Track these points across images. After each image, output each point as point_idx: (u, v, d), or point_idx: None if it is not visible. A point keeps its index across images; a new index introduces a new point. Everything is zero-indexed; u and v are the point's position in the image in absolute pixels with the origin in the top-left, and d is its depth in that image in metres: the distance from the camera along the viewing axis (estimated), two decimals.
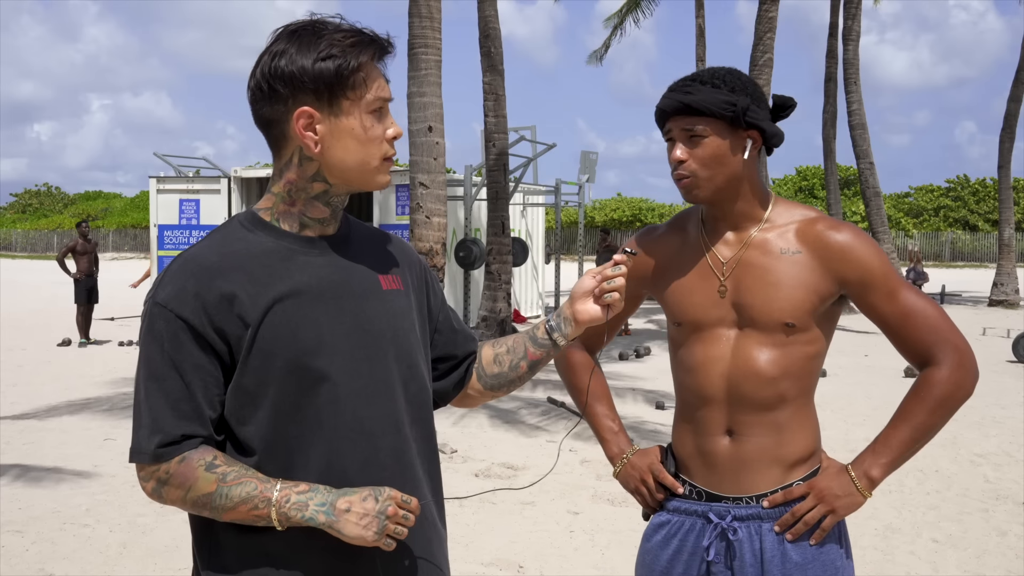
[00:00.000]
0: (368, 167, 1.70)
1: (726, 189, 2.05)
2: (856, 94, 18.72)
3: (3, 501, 6.03)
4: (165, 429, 1.60)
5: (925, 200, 55.14)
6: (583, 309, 1.88)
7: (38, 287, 29.09)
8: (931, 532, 5.52)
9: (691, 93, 2.00)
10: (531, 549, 5.20)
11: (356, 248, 1.78)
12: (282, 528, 1.60)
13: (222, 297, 1.62)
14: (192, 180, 17.65)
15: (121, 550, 5.13)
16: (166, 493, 1.62)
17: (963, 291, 28.71)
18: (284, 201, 1.72)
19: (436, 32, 7.70)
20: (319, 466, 1.65)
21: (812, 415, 2.11)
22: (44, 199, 70.46)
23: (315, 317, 1.67)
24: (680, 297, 2.13)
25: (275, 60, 1.63)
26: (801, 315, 2.01)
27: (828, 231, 2.03)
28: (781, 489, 2.06)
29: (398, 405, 1.74)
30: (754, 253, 2.06)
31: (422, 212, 7.58)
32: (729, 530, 2.06)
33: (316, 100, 1.64)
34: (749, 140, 2.03)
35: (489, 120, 12.80)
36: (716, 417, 2.09)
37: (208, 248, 1.68)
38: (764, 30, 13.68)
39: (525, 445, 7.76)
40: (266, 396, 1.64)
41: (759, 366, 2.03)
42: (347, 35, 1.65)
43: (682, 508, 2.16)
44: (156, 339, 1.62)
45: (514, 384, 1.97)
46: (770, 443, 2.05)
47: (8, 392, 10.19)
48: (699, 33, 23.06)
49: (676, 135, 2.05)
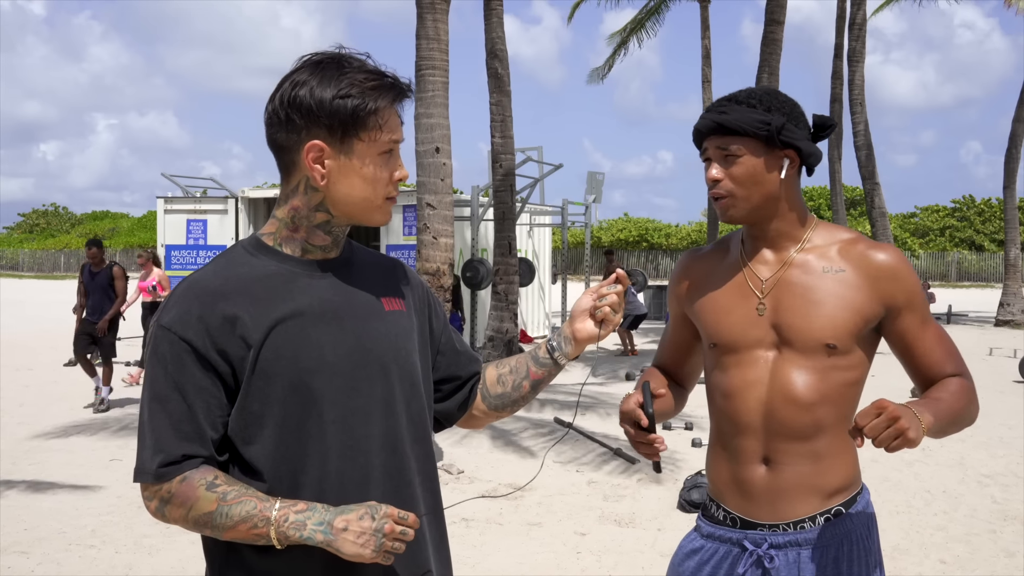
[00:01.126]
0: (370, 205, 1.74)
1: (763, 208, 2.04)
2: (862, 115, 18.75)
3: (9, 521, 6.04)
4: (167, 449, 1.63)
5: (931, 220, 55.10)
6: (581, 327, 1.92)
7: (45, 307, 29.15)
8: (939, 553, 5.49)
9: (726, 113, 2.01)
10: (537, 570, 5.19)
11: (358, 271, 1.82)
12: (281, 547, 1.62)
13: (225, 319, 1.65)
14: (199, 200, 17.71)
15: (127, 571, 5.13)
16: (168, 512, 1.65)
17: (969, 311, 28.64)
18: (287, 227, 1.76)
19: (444, 54, 7.74)
20: (319, 484, 1.68)
21: (851, 443, 2.04)
22: (51, 219, 70.75)
23: (316, 337, 1.69)
24: (717, 316, 2.10)
25: (295, 89, 1.67)
26: (843, 336, 1.98)
27: (873, 250, 2.02)
28: (820, 515, 2.02)
29: (399, 424, 1.76)
30: (795, 272, 2.04)
31: (429, 233, 7.61)
32: (766, 558, 2.02)
33: (329, 135, 1.68)
34: (786, 159, 2.02)
35: (496, 140, 12.85)
36: (752, 445, 2.05)
37: (212, 272, 1.72)
38: (769, 52, 13.74)
39: (531, 465, 7.74)
40: (270, 416, 1.66)
41: (797, 391, 1.99)
42: (369, 76, 1.69)
43: (716, 535, 2.11)
44: (160, 361, 1.65)
45: (517, 404, 1.99)
46: (808, 472, 2.01)
47: (15, 412, 10.20)
48: (705, 54, 23.15)
49: (712, 154, 2.04)
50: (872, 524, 2.09)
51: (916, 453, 8.24)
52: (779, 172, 2.02)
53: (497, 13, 12.83)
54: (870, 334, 2.04)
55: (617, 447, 8.22)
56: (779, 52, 13.77)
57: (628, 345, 16.89)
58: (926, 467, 7.75)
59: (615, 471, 7.57)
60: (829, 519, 2.02)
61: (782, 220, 2.07)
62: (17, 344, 17.66)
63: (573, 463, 7.86)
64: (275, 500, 1.62)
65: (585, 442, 8.63)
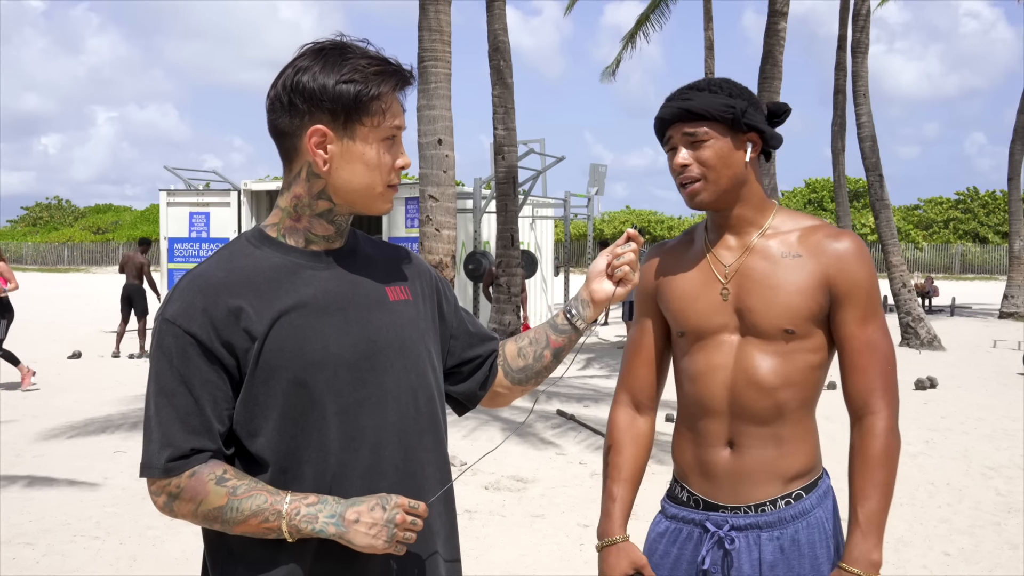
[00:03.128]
0: (372, 192, 1.73)
1: (730, 192, 2.07)
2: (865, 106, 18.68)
3: (14, 513, 6.05)
4: (175, 443, 1.62)
5: (935, 212, 55.02)
6: (598, 288, 1.93)
7: (49, 300, 29.20)
8: (943, 545, 5.49)
9: (691, 99, 2.05)
10: (541, 562, 5.19)
11: (363, 261, 1.81)
12: (292, 540, 1.62)
13: (229, 312, 1.64)
14: (202, 193, 17.70)
15: (131, 562, 5.14)
16: (177, 507, 1.64)
17: (973, 303, 28.60)
18: (290, 216, 1.75)
19: (446, 46, 7.72)
20: (325, 476, 1.67)
21: (813, 429, 2.11)
22: (55, 212, 70.81)
23: (321, 329, 1.69)
24: (683, 304, 2.14)
25: (298, 75, 1.66)
26: (799, 321, 2.01)
27: (830, 237, 2.05)
28: (781, 499, 2.05)
29: (406, 414, 1.76)
30: (756, 258, 2.07)
31: (431, 225, 7.60)
32: (726, 539, 2.06)
33: (332, 120, 1.67)
34: (749, 143, 2.06)
35: (499, 133, 12.82)
36: (717, 428, 2.09)
37: (216, 265, 1.71)
38: (773, 43, 13.69)
39: (535, 458, 7.75)
40: (274, 408, 1.65)
41: (760, 375, 2.03)
42: (372, 62, 1.68)
43: (680, 516, 2.16)
44: (165, 355, 1.64)
45: (541, 375, 2.00)
46: (770, 456, 2.05)
47: (19, 404, 10.22)
48: (708, 46, 23.06)
49: (678, 141, 2.07)
50: (833, 508, 2.13)
51: (920, 445, 8.24)
52: (744, 155, 2.06)
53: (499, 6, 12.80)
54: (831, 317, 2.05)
55: None
56: (782, 44, 13.72)
57: None
58: (930, 459, 7.75)
59: None
60: (789, 502, 2.06)
61: (745, 205, 2.10)
62: (21, 337, 17.68)
63: (576, 455, 7.86)
64: (285, 493, 1.61)
65: (589, 434, 8.63)
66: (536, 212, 19.41)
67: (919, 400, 10.73)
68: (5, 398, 10.62)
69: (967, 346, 16.88)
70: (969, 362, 14.49)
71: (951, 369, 13.49)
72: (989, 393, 11.29)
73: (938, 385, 11.74)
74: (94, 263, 57.91)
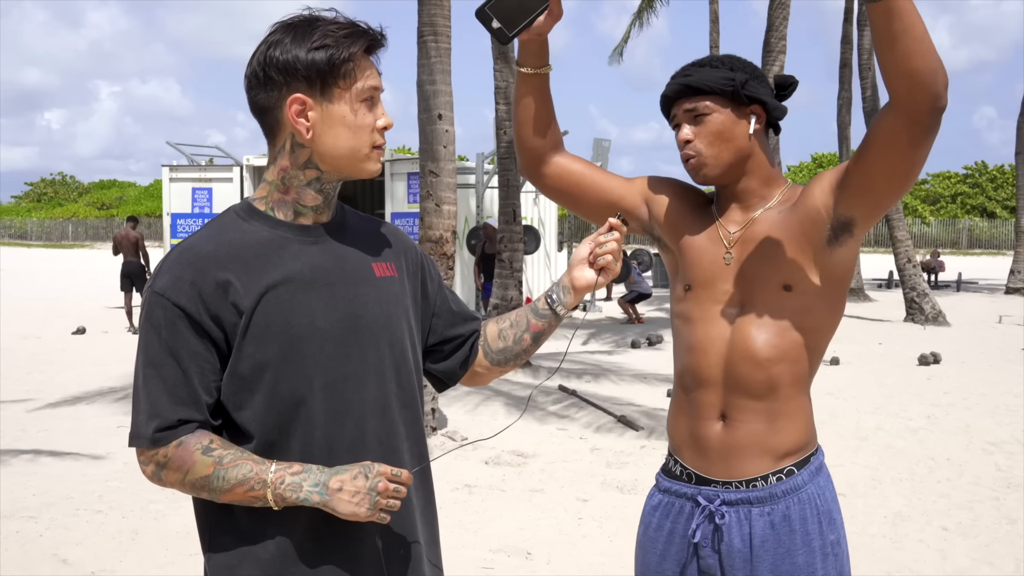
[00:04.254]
0: (358, 155, 1.74)
1: (735, 166, 2.07)
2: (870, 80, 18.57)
3: (17, 487, 6.09)
4: (162, 414, 1.64)
5: (942, 187, 54.79)
6: (579, 275, 1.93)
7: (54, 276, 29.29)
8: (941, 520, 5.51)
9: (691, 75, 2.06)
10: (539, 536, 5.21)
11: (350, 236, 1.82)
12: (278, 508, 1.64)
13: (217, 285, 1.65)
14: (204, 169, 17.68)
15: (133, 536, 5.18)
16: (165, 476, 1.66)
17: (980, 279, 28.54)
18: (278, 189, 1.76)
19: (446, 20, 7.66)
20: (311, 448, 1.69)
21: (806, 406, 2.11)
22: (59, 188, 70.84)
23: (308, 303, 1.70)
24: (693, 255, 2.13)
25: (271, 49, 1.68)
26: (796, 272, 2.01)
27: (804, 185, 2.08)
28: (772, 475, 2.06)
29: (388, 389, 1.78)
30: (758, 228, 2.08)
31: (432, 200, 7.57)
32: (717, 514, 2.06)
33: (309, 88, 1.68)
34: (752, 115, 2.06)
35: (500, 108, 12.75)
36: (711, 400, 2.09)
37: (205, 238, 1.72)
38: (778, 16, 13.60)
39: (536, 432, 7.77)
40: (261, 381, 1.67)
41: (755, 348, 2.03)
42: (341, 27, 1.70)
43: (672, 489, 2.17)
44: (154, 327, 1.65)
45: (520, 357, 2.01)
46: (762, 430, 2.05)
47: (23, 380, 10.27)
48: (713, 19, 22.92)
49: (681, 118, 2.09)
50: (826, 484, 2.13)
51: (921, 421, 8.24)
52: (748, 127, 2.06)
53: None
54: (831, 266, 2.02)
55: (621, 415, 8.24)
56: (787, 16, 13.62)
57: (633, 314, 16.92)
58: (931, 434, 7.75)
59: (618, 438, 7.60)
60: (781, 478, 2.06)
61: (751, 178, 2.10)
62: (26, 312, 17.75)
63: (577, 430, 7.88)
64: (271, 463, 1.64)
65: (589, 409, 8.65)
66: None
67: (922, 375, 10.73)
68: (9, 373, 10.67)
69: (972, 322, 16.87)
70: (974, 338, 14.48)
71: (955, 344, 13.49)
72: (993, 369, 11.29)
73: (942, 360, 11.74)
74: (98, 239, 57.96)
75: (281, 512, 1.66)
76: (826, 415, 8.45)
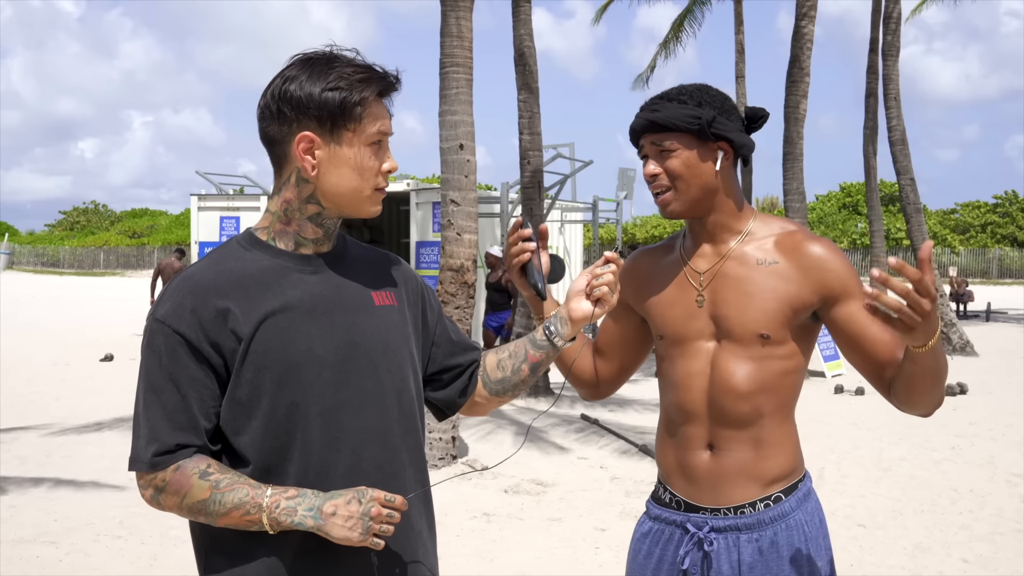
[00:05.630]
0: (360, 196, 1.78)
1: (701, 201, 2.08)
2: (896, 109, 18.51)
3: (39, 512, 6.16)
4: (161, 439, 1.67)
5: (972, 216, 54.26)
6: (576, 307, 1.95)
7: (83, 303, 29.62)
8: (961, 552, 5.44)
9: (658, 111, 2.07)
10: (556, 565, 5.21)
11: (350, 266, 1.86)
12: (273, 532, 1.67)
13: (217, 313, 1.69)
14: (232, 198, 17.89)
15: (152, 562, 5.22)
16: (163, 500, 1.70)
17: (1009, 308, 28.20)
18: (280, 220, 1.81)
19: (467, 51, 7.76)
20: (307, 473, 1.72)
21: (792, 432, 2.12)
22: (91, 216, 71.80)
23: (306, 331, 1.73)
24: (661, 310, 2.17)
25: (286, 84, 1.73)
26: (775, 326, 2.03)
27: (806, 242, 2.06)
28: (760, 501, 2.07)
29: (388, 416, 1.81)
30: (732, 264, 2.09)
31: (453, 229, 7.64)
32: (706, 540, 2.08)
33: (319, 127, 1.73)
34: (719, 152, 2.07)
35: (524, 138, 12.84)
36: (698, 432, 2.11)
37: (206, 267, 1.76)
38: (800, 47, 13.62)
39: (556, 462, 7.76)
40: (258, 407, 1.70)
41: (736, 381, 2.05)
42: (357, 70, 1.74)
43: (662, 517, 2.19)
44: (155, 353, 1.70)
45: (518, 388, 2.03)
46: (749, 459, 2.07)
47: (51, 406, 10.39)
48: (739, 49, 22.97)
49: (648, 151, 2.11)
50: (814, 510, 2.13)
51: (945, 452, 8.15)
52: (714, 164, 2.07)
53: (525, 11, 12.82)
54: (805, 324, 2.07)
55: (642, 443, 8.21)
56: (810, 47, 13.64)
57: None
58: (954, 465, 7.67)
59: (638, 467, 7.57)
60: (768, 505, 2.08)
61: (720, 212, 2.11)
62: (56, 339, 17.97)
63: (597, 459, 7.86)
64: (267, 487, 1.67)
65: (610, 438, 8.63)
66: (565, 216, 19.40)
67: (948, 406, 10.61)
68: (37, 399, 10.80)
69: (1001, 352, 16.66)
70: (1002, 368, 14.30)
71: (982, 375, 13.33)
72: (1020, 400, 11.13)
73: (968, 391, 11.61)
74: (129, 267, 58.63)
75: (276, 538, 1.68)
76: (849, 446, 8.38)
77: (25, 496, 6.56)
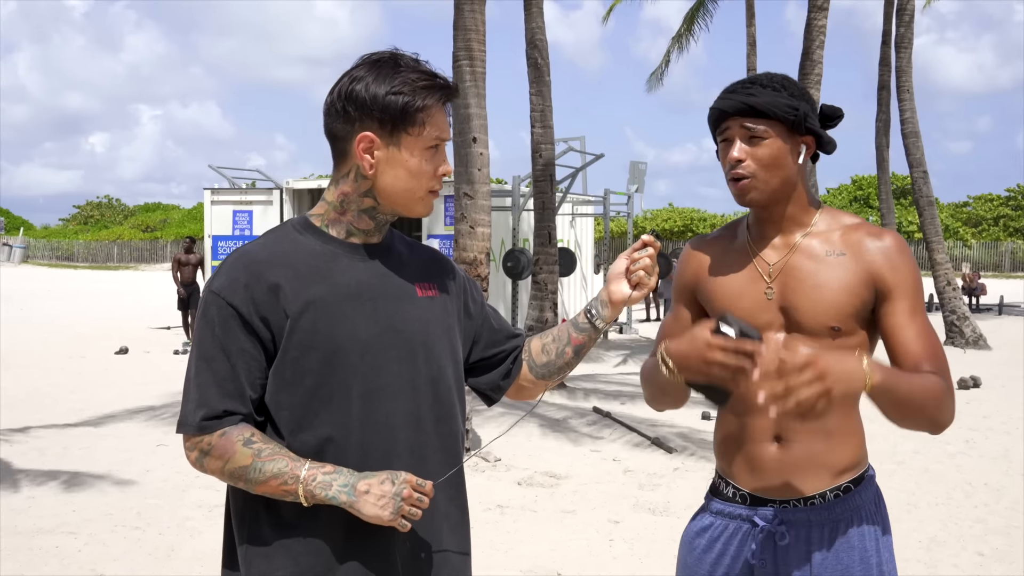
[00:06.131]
0: (413, 196, 1.86)
1: (780, 192, 2.06)
2: (909, 102, 18.42)
3: (57, 503, 6.22)
4: (210, 404, 1.76)
5: (984, 209, 54.00)
6: (616, 290, 2.00)
7: (99, 297, 29.77)
8: (976, 545, 5.44)
9: (754, 95, 2.02)
10: (570, 557, 5.23)
11: (396, 257, 1.94)
12: (308, 504, 1.74)
13: (269, 289, 1.78)
14: (245, 192, 17.95)
15: (169, 552, 5.27)
16: (207, 463, 1.78)
17: (1022, 302, 28.08)
18: (335, 210, 1.89)
19: (481, 44, 7.77)
20: (343, 453, 1.79)
21: (858, 421, 2.10)
22: (105, 211, 72.07)
23: (351, 315, 1.81)
24: (728, 302, 2.12)
25: (353, 84, 1.81)
26: (845, 318, 2.01)
27: (872, 235, 2.04)
28: (830, 491, 2.05)
29: (422, 403, 1.87)
30: (800, 257, 2.07)
31: (466, 222, 7.66)
32: (777, 534, 2.05)
33: (380, 128, 1.81)
34: (804, 145, 2.05)
35: (536, 131, 12.84)
36: (764, 424, 2.07)
37: (261, 245, 1.86)
38: (812, 39, 13.57)
39: (569, 454, 7.79)
40: (300, 384, 1.78)
41: None
42: (421, 76, 1.82)
43: (726, 512, 2.15)
44: (208, 323, 1.78)
45: (563, 371, 2.09)
46: (819, 449, 2.05)
47: (67, 399, 10.47)
48: (751, 42, 22.88)
49: (736, 134, 2.04)
50: (879, 499, 2.12)
51: (959, 445, 8.14)
52: (798, 157, 2.05)
53: (536, 3, 12.82)
54: (872, 316, 2.05)
55: (655, 436, 8.23)
56: (822, 40, 13.58)
57: None
58: (969, 459, 7.66)
59: (652, 460, 7.59)
60: (839, 495, 2.05)
61: (794, 205, 2.09)
62: (72, 333, 18.08)
63: (610, 451, 7.88)
64: (305, 461, 1.75)
65: (624, 431, 8.65)
66: (576, 209, 19.40)
67: (961, 399, 10.58)
68: (54, 392, 10.88)
69: (1014, 345, 16.59)
70: (1015, 361, 14.25)
71: (996, 368, 13.29)
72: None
73: (981, 384, 11.58)
74: (143, 261, 58.84)
75: (315, 511, 1.75)
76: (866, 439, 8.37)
77: (43, 488, 6.62)
